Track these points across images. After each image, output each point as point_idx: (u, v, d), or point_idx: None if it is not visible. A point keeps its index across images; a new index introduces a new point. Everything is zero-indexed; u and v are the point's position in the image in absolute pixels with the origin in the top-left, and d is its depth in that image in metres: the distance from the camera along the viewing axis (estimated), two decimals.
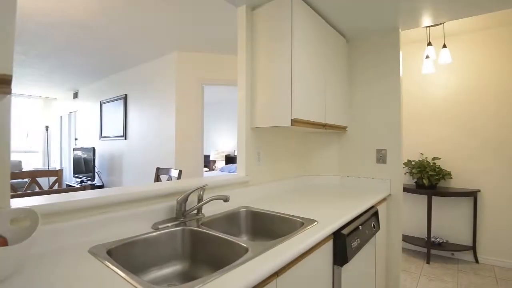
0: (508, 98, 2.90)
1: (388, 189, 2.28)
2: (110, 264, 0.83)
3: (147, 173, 4.02)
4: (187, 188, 1.36)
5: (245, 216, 1.51)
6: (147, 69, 4.12)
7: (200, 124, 3.63)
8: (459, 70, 3.15)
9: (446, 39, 3.21)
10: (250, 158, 1.86)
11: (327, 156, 2.57)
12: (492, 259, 2.96)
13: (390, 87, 2.31)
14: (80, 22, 2.83)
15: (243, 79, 1.85)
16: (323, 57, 2.05)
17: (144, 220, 1.21)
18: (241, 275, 0.77)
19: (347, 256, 1.30)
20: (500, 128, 2.93)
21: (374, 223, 1.76)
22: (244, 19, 1.87)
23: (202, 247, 1.13)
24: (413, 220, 3.41)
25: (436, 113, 3.28)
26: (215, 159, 6.88)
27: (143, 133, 4.16)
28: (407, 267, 2.92)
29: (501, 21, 2.80)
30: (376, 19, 2.16)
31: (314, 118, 1.90)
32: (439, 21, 2.23)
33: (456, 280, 2.63)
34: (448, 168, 3.20)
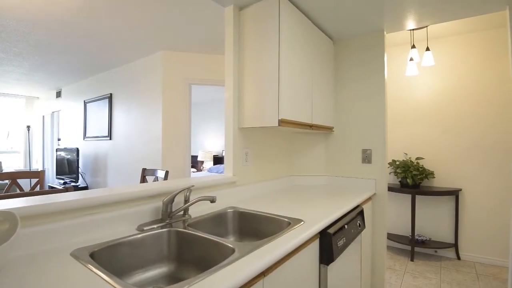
0: (488, 100, 3.00)
1: (373, 188, 2.32)
2: (93, 267, 0.81)
3: (133, 174, 3.95)
4: (173, 189, 1.34)
5: (232, 217, 1.51)
6: (133, 68, 4.05)
7: (188, 124, 3.60)
8: (442, 72, 3.24)
9: (429, 42, 3.30)
10: (237, 158, 1.86)
11: (314, 156, 2.60)
12: (473, 256, 3.05)
13: (375, 88, 2.36)
14: (62, 19, 2.75)
15: (231, 79, 1.85)
16: (310, 58, 2.06)
17: (129, 222, 1.19)
18: (228, 275, 0.76)
19: (333, 255, 1.32)
20: (481, 129, 3.03)
21: (360, 222, 1.79)
22: (231, 19, 1.87)
23: (188, 248, 1.12)
24: (397, 219, 3.49)
25: (420, 114, 3.37)
26: (203, 159, 6.83)
27: (128, 133, 4.09)
28: (392, 264, 2.98)
29: (482, 25, 2.89)
30: (362, 22, 2.20)
31: (301, 119, 1.92)
32: (423, 25, 2.29)
33: (439, 276, 2.70)
34: (431, 168, 3.29)
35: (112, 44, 3.39)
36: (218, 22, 2.80)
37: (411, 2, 1.90)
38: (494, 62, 2.97)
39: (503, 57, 2.93)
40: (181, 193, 1.38)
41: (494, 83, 2.97)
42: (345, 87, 2.51)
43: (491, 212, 2.98)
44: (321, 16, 2.11)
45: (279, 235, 1.10)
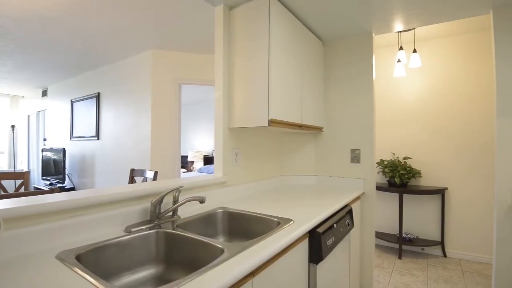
0: (473, 101, 3.08)
1: (362, 187, 2.36)
2: (79, 270, 0.80)
3: (121, 175, 3.90)
4: (162, 190, 1.33)
5: (222, 217, 1.50)
6: (121, 67, 3.99)
7: (177, 124, 3.57)
8: (428, 74, 3.31)
9: (416, 44, 3.36)
10: (227, 158, 1.86)
11: (304, 156, 2.62)
12: (458, 253, 3.13)
13: (363, 89, 2.39)
14: (48, 16, 2.69)
15: (220, 79, 1.85)
16: (300, 58, 2.08)
17: (116, 223, 1.17)
18: (216, 276, 0.76)
19: (322, 254, 1.33)
20: (466, 129, 3.11)
21: (349, 221, 1.81)
22: (221, 18, 1.87)
23: (177, 249, 1.12)
24: (385, 217, 3.54)
25: (407, 115, 3.43)
26: (193, 159, 6.78)
27: (117, 133, 4.02)
28: (380, 262, 3.03)
29: (467, 28, 2.97)
30: (351, 24, 2.22)
31: (291, 119, 1.93)
32: (410, 27, 2.33)
33: (426, 274, 2.76)
34: (418, 167, 3.35)
35: (99, 42, 3.34)
36: (208, 22, 2.79)
37: (398, 5, 1.93)
38: (479, 64, 3.05)
39: (488, 59, 3.01)
40: (170, 194, 1.37)
41: (479, 85, 3.05)
42: (334, 88, 2.53)
43: (475, 210, 3.06)
44: (310, 18, 2.13)
45: (268, 235, 1.10)
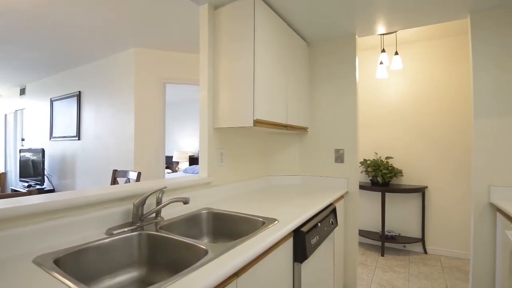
0: (452, 103, 3.19)
1: (345, 187, 2.39)
2: (57, 274, 0.78)
3: (103, 176, 3.80)
4: (144, 191, 1.31)
5: (207, 218, 1.49)
6: (104, 65, 3.90)
7: (162, 124, 3.52)
8: (409, 75, 3.40)
9: (398, 47, 3.45)
10: (212, 158, 1.85)
11: (289, 156, 2.63)
12: (438, 249, 3.23)
13: (347, 90, 2.43)
14: (27, 12, 2.59)
15: (205, 79, 1.83)
16: (285, 59, 2.09)
17: (97, 225, 1.14)
18: (200, 277, 0.75)
19: (306, 252, 1.34)
20: (445, 130, 3.21)
21: (332, 219, 1.84)
22: (206, 18, 1.85)
23: (160, 251, 1.10)
24: (368, 216, 3.62)
25: (389, 115, 3.51)
26: (178, 160, 6.70)
27: (98, 133, 3.92)
28: (363, 260, 3.09)
29: (447, 32, 3.07)
30: (335, 26, 2.26)
31: (276, 119, 1.94)
32: (392, 30, 2.39)
33: (408, 270, 2.83)
34: (399, 167, 3.44)
35: (80, 39, 3.25)
36: (193, 20, 2.76)
37: (380, 9, 1.98)
38: (458, 66, 3.16)
39: (466, 62, 3.12)
40: (153, 195, 1.35)
41: (458, 87, 3.16)
42: (319, 88, 2.56)
43: (454, 208, 3.16)
44: (295, 19, 2.14)
45: (253, 235, 1.10)
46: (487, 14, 1.97)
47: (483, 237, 1.97)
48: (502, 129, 1.92)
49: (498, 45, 1.94)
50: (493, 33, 1.95)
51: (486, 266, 1.96)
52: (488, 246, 1.96)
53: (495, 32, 1.95)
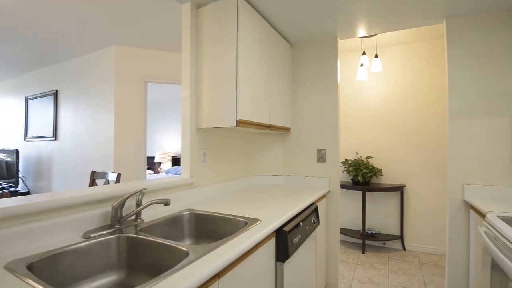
0: (429, 104, 3.30)
1: (327, 186, 2.43)
2: (30, 280, 0.74)
3: (81, 178, 3.68)
4: (123, 192, 1.27)
5: (189, 219, 1.48)
6: (82, 63, 3.77)
7: (143, 124, 3.45)
8: (389, 78, 3.50)
9: (378, 50, 3.54)
10: (195, 159, 1.83)
11: (273, 156, 2.65)
12: (416, 246, 3.34)
13: (329, 91, 2.47)
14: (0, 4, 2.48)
15: (188, 79, 1.81)
16: (268, 60, 2.10)
17: (73, 229, 1.11)
18: (179, 280, 0.74)
19: (288, 252, 1.35)
20: (422, 130, 3.33)
21: (314, 218, 1.86)
22: (188, 16, 1.83)
23: (140, 254, 1.08)
24: (350, 214, 3.69)
25: (369, 116, 3.60)
26: (160, 161, 6.58)
27: (76, 133, 3.80)
28: (345, 258, 3.15)
29: (424, 36, 3.18)
30: (317, 28, 2.29)
31: (259, 119, 1.94)
32: (372, 33, 2.45)
33: (387, 267, 2.91)
34: (379, 166, 3.53)
35: (58, 35, 3.13)
36: (176, 19, 2.72)
37: (360, 12, 2.02)
38: (435, 69, 3.28)
39: (442, 65, 3.24)
40: (133, 197, 1.32)
41: (434, 89, 3.28)
42: (302, 89, 2.59)
43: (431, 205, 3.28)
44: (279, 21, 2.16)
45: (235, 236, 1.10)
46: (461, 20, 2.06)
47: (458, 233, 2.05)
48: (475, 130, 2.01)
49: (472, 49, 2.03)
50: (467, 38, 2.04)
51: (460, 261, 2.05)
52: (462, 242, 2.04)
53: (469, 37, 2.04)
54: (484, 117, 1.99)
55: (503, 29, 1.95)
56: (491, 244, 1.27)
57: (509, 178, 1.93)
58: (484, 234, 1.41)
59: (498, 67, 1.96)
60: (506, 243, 1.19)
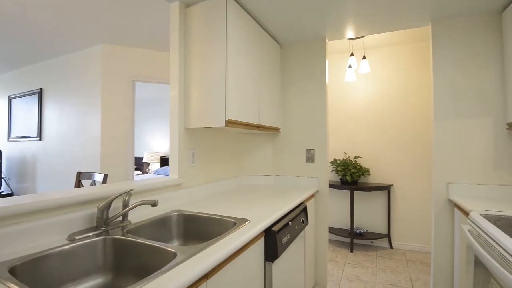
0: (416, 105, 3.37)
1: (316, 186, 2.45)
2: (13, 284, 0.73)
3: (67, 179, 3.60)
4: (110, 194, 1.25)
5: (177, 220, 1.46)
6: (68, 61, 3.69)
7: (131, 124, 3.40)
8: (376, 79, 3.55)
9: (366, 51, 3.59)
10: (183, 159, 1.81)
11: (262, 156, 2.65)
12: (403, 244, 3.40)
13: (317, 91, 2.49)
14: None
15: (176, 78, 1.80)
16: (257, 60, 2.10)
17: (58, 231, 1.08)
18: (166, 281, 0.74)
19: (277, 251, 1.36)
20: (409, 131, 3.39)
21: (303, 218, 1.88)
22: (177, 16, 1.82)
23: (126, 256, 1.06)
24: (338, 214, 3.73)
25: (357, 117, 3.64)
26: (149, 161, 6.50)
27: (62, 133, 3.71)
28: (333, 256, 3.18)
29: (411, 38, 3.24)
30: (306, 29, 2.31)
31: (248, 119, 1.94)
32: (360, 35, 2.48)
33: (375, 265, 2.95)
34: (367, 166, 3.58)
35: (43, 32, 3.05)
36: (165, 18, 2.70)
37: (349, 14, 2.05)
38: (421, 70, 3.34)
39: (428, 67, 3.31)
40: (119, 198, 1.30)
41: (421, 90, 3.34)
42: (291, 90, 2.61)
43: (417, 204, 3.35)
44: (268, 21, 2.16)
45: (224, 236, 1.10)
46: (446, 23, 2.11)
47: (443, 231, 2.10)
48: (459, 130, 2.06)
49: (456, 51, 2.08)
50: (451, 40, 2.09)
51: (445, 258, 2.09)
52: (447, 240, 2.09)
53: (453, 39, 2.09)
54: (468, 117, 2.04)
55: (486, 31, 2.01)
56: (475, 242, 1.31)
57: (492, 177, 1.99)
58: (467, 232, 1.45)
59: (480, 69, 2.02)
60: (489, 240, 1.23)
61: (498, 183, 1.97)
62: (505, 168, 1.96)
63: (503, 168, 1.96)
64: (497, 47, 1.98)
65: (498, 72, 1.98)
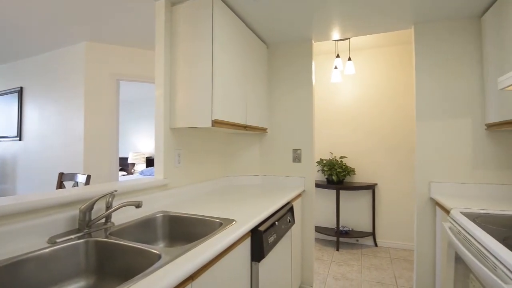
0: (399, 106, 3.45)
1: (302, 185, 2.47)
2: None
3: (49, 180, 3.49)
4: (92, 195, 1.22)
5: (162, 221, 1.44)
6: (50, 59, 3.58)
7: (115, 124, 3.33)
8: (361, 80, 3.61)
9: (351, 53, 3.64)
10: (169, 159, 1.79)
11: (249, 156, 2.65)
12: (387, 242, 3.47)
13: (304, 93, 2.51)
14: None
15: (161, 77, 1.77)
16: (244, 60, 2.10)
17: (38, 234, 1.05)
18: (150, 284, 0.72)
19: (264, 251, 1.36)
20: (393, 131, 3.47)
21: (290, 218, 1.89)
22: (163, 14, 1.79)
23: (109, 259, 1.04)
24: (324, 213, 3.77)
25: (344, 117, 3.70)
26: (134, 161, 6.38)
27: (43, 133, 3.60)
28: (320, 255, 3.21)
29: (395, 41, 3.31)
30: (293, 31, 2.33)
31: (235, 119, 1.94)
32: (345, 37, 2.52)
33: (360, 263, 3.00)
34: (352, 165, 3.64)
35: (23, 29, 2.95)
36: (150, 15, 2.65)
37: (334, 16, 2.07)
38: (404, 72, 3.42)
39: (411, 69, 3.39)
40: (102, 199, 1.27)
41: (404, 91, 3.42)
42: (278, 90, 2.62)
43: (400, 203, 3.42)
44: (254, 21, 2.16)
45: (210, 237, 1.09)
46: (428, 26, 2.17)
47: (425, 229, 2.16)
48: (440, 130, 2.13)
49: (438, 54, 2.14)
50: (433, 43, 2.15)
51: (427, 255, 2.15)
52: (429, 237, 2.15)
53: (435, 42, 2.15)
54: (448, 118, 2.11)
55: (466, 35, 2.08)
56: (455, 239, 1.35)
57: (472, 175, 2.06)
58: (448, 229, 1.49)
59: (461, 71, 2.09)
60: (468, 237, 1.27)
61: (478, 181, 2.04)
62: (484, 167, 2.03)
63: (482, 167, 2.03)
64: (476, 50, 2.05)
65: (477, 75, 2.05)
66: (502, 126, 1.73)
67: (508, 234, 1.14)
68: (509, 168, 1.98)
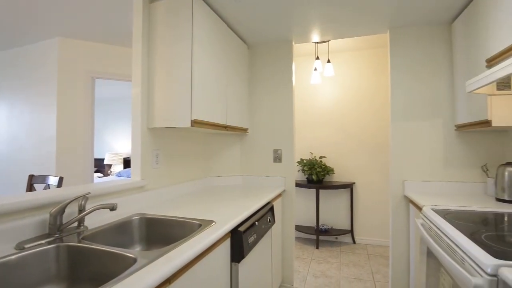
0: (376, 107, 3.55)
1: (283, 185, 2.49)
2: None
3: (18, 183, 3.32)
4: (64, 198, 1.17)
5: (139, 224, 1.41)
6: (19, 55, 3.40)
7: (90, 123, 3.21)
8: (340, 82, 3.69)
9: (330, 55, 3.71)
10: (146, 160, 1.75)
11: (230, 157, 2.64)
12: (365, 239, 3.57)
13: (284, 92, 2.54)
14: None
15: (138, 75, 1.72)
16: (225, 60, 2.08)
17: (5, 240, 0.99)
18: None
19: (243, 252, 1.36)
20: (370, 132, 3.57)
21: (270, 217, 1.90)
22: (140, 10, 1.74)
23: (82, 264, 1.00)
24: (304, 212, 3.82)
25: (323, 118, 3.76)
26: (110, 163, 6.18)
27: (12, 134, 3.41)
28: (300, 254, 3.25)
29: (373, 44, 3.40)
30: (274, 32, 2.35)
31: (215, 119, 1.92)
32: (324, 39, 2.57)
33: (339, 260, 3.07)
34: (331, 165, 3.71)
35: None
36: (128, 11, 2.58)
37: (313, 19, 2.10)
38: (380, 75, 3.53)
39: (387, 71, 3.50)
40: (75, 202, 1.22)
41: (381, 93, 3.53)
42: (258, 90, 2.62)
43: (377, 201, 3.53)
44: (235, 21, 2.16)
45: (188, 239, 1.07)
46: (402, 31, 2.25)
47: (399, 225, 2.24)
48: (413, 131, 2.21)
49: (411, 58, 2.23)
50: (407, 48, 2.24)
51: (402, 251, 2.23)
52: (403, 233, 2.23)
53: (408, 47, 2.23)
54: (421, 120, 2.19)
55: (437, 41, 2.17)
56: (426, 234, 1.40)
57: (442, 174, 2.15)
58: (420, 225, 1.55)
59: (432, 75, 2.18)
60: (439, 233, 1.33)
61: (448, 179, 2.14)
62: (454, 166, 2.13)
63: (452, 166, 2.13)
64: (447, 55, 2.15)
65: (448, 78, 2.15)
66: (470, 127, 1.83)
67: (476, 230, 1.20)
68: (477, 166, 2.09)
